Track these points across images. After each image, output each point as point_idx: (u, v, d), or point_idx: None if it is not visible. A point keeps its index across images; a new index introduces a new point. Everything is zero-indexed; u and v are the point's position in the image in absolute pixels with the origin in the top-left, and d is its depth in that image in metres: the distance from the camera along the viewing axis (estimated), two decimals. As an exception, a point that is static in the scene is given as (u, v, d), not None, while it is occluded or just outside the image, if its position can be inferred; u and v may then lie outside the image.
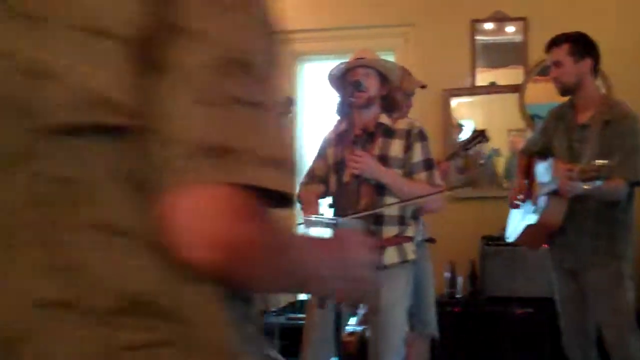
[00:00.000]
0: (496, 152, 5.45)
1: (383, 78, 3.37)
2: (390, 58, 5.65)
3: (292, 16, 5.63)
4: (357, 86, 3.23)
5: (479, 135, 4.15)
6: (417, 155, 3.30)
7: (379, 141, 3.31)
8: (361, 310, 3.68)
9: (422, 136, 3.33)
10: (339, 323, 2.82)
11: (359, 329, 4.76)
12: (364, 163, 3.18)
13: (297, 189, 2.90)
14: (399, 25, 5.72)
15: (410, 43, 5.70)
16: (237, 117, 0.82)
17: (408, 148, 3.30)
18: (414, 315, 3.96)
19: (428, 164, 3.31)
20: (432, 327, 4.05)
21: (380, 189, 3.25)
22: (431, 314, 4.05)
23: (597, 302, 3.49)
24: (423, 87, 4.22)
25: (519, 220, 3.86)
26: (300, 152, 0.90)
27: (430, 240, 4.07)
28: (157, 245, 0.81)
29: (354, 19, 5.72)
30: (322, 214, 3.35)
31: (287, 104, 3.64)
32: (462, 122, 5.50)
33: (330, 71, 3.45)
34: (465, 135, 5.19)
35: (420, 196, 3.22)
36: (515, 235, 3.85)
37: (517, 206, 3.84)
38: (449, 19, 5.56)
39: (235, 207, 0.80)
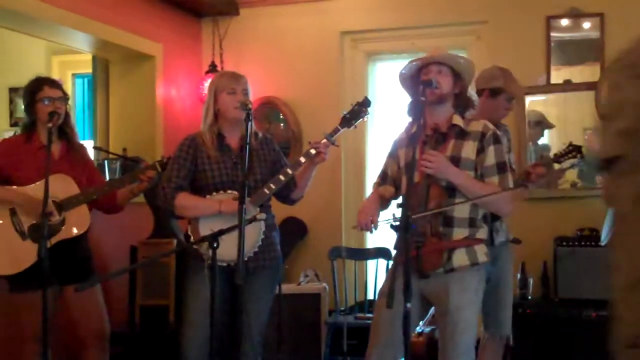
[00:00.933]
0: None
1: (457, 76, 3.33)
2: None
3: (363, 16, 5.67)
4: (429, 85, 3.20)
5: (574, 150, 4.00)
6: (490, 158, 3.23)
7: (452, 142, 3.27)
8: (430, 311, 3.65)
9: (496, 139, 3.26)
10: (408, 323, 2.80)
11: (427, 329, 4.73)
12: (438, 162, 3.15)
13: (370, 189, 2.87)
14: (471, 23, 5.66)
15: (483, 41, 5.64)
16: None
17: (481, 150, 3.24)
18: (489, 315, 3.92)
19: (501, 168, 3.23)
20: (507, 328, 4.00)
21: (450, 191, 3.21)
22: (507, 315, 4.00)
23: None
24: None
25: (611, 222, 3.78)
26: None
27: (515, 241, 4.01)
28: None
29: (425, 18, 5.69)
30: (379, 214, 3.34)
31: (364, 105, 3.64)
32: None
33: (402, 70, 3.43)
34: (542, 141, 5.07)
35: (483, 195, 3.16)
36: (607, 238, 3.77)
37: None
38: (523, 16, 5.48)
39: None
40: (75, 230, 3.66)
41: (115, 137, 5.68)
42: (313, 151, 3.51)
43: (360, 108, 3.63)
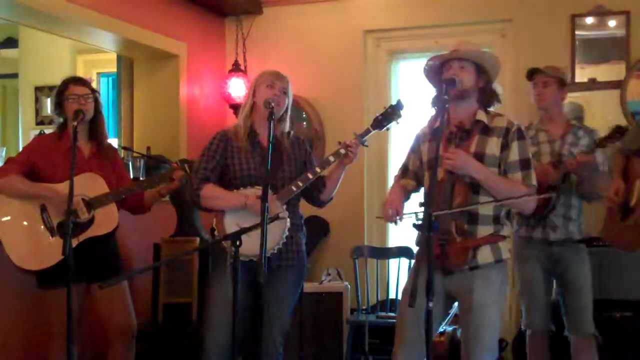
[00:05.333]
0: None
1: (480, 70, 3.31)
2: (486, 55, 5.58)
3: (386, 15, 5.64)
4: (452, 84, 3.19)
5: (619, 133, 3.94)
6: (514, 154, 3.22)
7: (476, 139, 3.26)
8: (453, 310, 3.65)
9: (520, 135, 3.25)
10: (430, 323, 2.79)
11: (449, 329, 4.72)
12: (457, 159, 3.14)
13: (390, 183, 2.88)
14: (496, 21, 5.64)
15: (507, 39, 5.62)
16: None
17: (505, 146, 3.23)
18: (567, 315, 4.06)
19: (525, 164, 3.23)
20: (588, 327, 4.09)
21: (475, 188, 3.21)
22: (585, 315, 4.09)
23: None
24: None
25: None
26: None
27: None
28: None
29: (449, 16, 5.67)
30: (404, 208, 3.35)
31: (397, 108, 3.63)
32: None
33: (426, 64, 3.42)
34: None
35: (509, 197, 3.15)
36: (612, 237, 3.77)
37: (612, 207, 3.74)
38: (548, 14, 5.44)
39: None
40: (103, 229, 3.70)
41: (139, 135, 5.72)
42: (343, 151, 3.51)
43: (393, 111, 3.63)
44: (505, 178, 3.23)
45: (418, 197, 3.41)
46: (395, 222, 3.28)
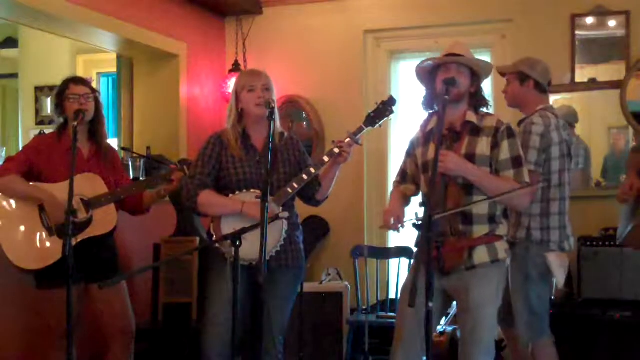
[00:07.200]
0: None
1: (474, 75, 3.34)
2: (487, 55, 5.60)
3: (387, 15, 5.62)
4: (452, 84, 3.20)
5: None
6: (505, 153, 3.25)
7: (466, 140, 3.28)
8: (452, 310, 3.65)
9: (510, 133, 3.28)
10: (429, 323, 2.80)
11: (449, 328, 4.73)
12: (448, 161, 3.16)
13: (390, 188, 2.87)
14: (496, 22, 5.64)
15: (507, 39, 5.62)
16: None
17: (495, 146, 3.25)
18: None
19: (516, 162, 3.25)
20: (523, 334, 3.97)
21: (468, 189, 3.22)
22: (519, 320, 3.97)
23: None
24: None
25: (627, 221, 3.76)
26: None
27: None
28: None
29: (449, 16, 5.67)
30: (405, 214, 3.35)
31: (389, 104, 3.63)
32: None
33: (419, 65, 3.44)
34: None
35: (503, 193, 3.15)
36: (623, 236, 3.76)
37: (625, 201, 3.73)
38: (548, 14, 5.45)
39: None
40: (102, 229, 3.69)
41: (139, 135, 5.72)
42: (337, 150, 3.51)
43: (385, 107, 3.63)
44: (497, 177, 3.25)
45: (418, 199, 3.42)
46: (398, 230, 3.29)
